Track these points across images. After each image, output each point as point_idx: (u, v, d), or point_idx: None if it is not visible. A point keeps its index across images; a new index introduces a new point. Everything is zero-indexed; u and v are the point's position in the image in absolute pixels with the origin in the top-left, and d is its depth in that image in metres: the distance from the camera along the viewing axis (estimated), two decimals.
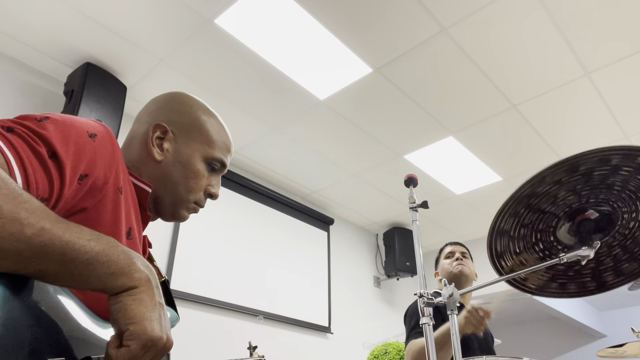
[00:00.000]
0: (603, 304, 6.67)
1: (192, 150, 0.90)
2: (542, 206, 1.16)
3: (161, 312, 0.62)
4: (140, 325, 0.58)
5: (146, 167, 0.88)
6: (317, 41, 2.69)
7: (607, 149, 1.01)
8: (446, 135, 3.54)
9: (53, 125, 0.65)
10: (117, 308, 0.59)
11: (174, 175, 0.88)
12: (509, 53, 2.79)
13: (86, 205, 0.68)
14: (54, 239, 0.54)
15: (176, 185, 0.89)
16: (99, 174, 0.69)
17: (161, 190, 0.88)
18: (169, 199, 0.89)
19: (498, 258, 1.26)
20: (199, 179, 0.91)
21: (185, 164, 0.89)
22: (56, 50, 2.75)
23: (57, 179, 0.62)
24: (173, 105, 0.92)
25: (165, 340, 0.61)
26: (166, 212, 0.91)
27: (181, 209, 0.91)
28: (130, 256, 0.61)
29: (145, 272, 0.62)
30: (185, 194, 0.90)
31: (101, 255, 0.58)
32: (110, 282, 0.59)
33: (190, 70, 2.90)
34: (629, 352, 2.81)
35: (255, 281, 3.71)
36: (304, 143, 3.64)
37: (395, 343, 3.78)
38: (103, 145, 0.71)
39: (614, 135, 3.52)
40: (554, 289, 1.32)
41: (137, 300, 0.59)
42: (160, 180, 0.88)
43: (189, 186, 0.90)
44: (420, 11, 2.51)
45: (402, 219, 4.88)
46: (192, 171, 0.90)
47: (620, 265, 1.25)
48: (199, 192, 0.91)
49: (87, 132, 0.69)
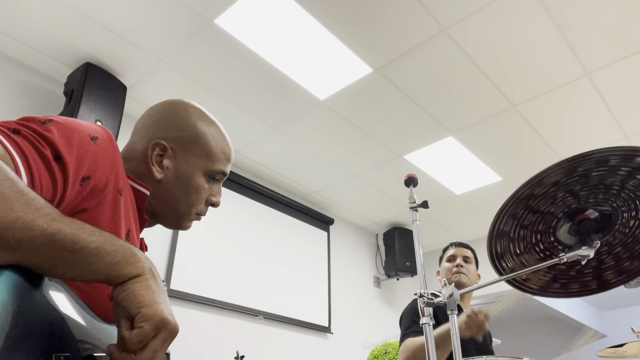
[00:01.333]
0: (603, 304, 6.67)
1: (192, 166, 0.91)
2: (541, 207, 1.16)
3: (167, 299, 0.64)
4: (152, 307, 0.60)
5: (146, 182, 0.89)
6: (317, 41, 2.69)
7: (605, 149, 1.01)
8: (446, 135, 3.54)
9: (57, 128, 0.67)
10: (126, 295, 0.60)
11: (175, 192, 0.90)
12: (509, 53, 2.79)
13: (87, 206, 0.70)
14: (64, 228, 0.56)
15: (178, 201, 0.90)
16: (100, 176, 0.71)
17: (163, 207, 0.90)
18: (172, 214, 0.92)
19: (499, 259, 1.26)
20: (199, 193, 0.92)
21: (185, 180, 0.90)
22: (56, 50, 2.75)
23: (60, 181, 0.64)
24: (171, 120, 0.92)
25: (173, 324, 0.62)
26: (169, 225, 0.94)
27: (184, 222, 0.94)
28: (132, 248, 0.64)
29: (146, 261, 0.65)
30: (187, 208, 0.92)
31: (106, 245, 0.60)
32: (117, 270, 0.61)
33: (190, 70, 2.90)
34: (628, 352, 2.81)
35: (255, 281, 3.71)
36: (304, 143, 3.64)
37: (395, 343, 3.78)
38: (104, 148, 0.73)
39: (614, 135, 3.52)
40: (556, 289, 1.32)
41: (144, 286, 0.61)
42: (162, 197, 0.90)
43: (190, 201, 0.91)
44: (420, 11, 2.51)
45: (402, 219, 4.88)
46: (192, 187, 0.91)
47: (621, 264, 1.25)
48: (200, 204, 0.93)
49: (89, 135, 0.71)
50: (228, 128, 3.42)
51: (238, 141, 3.61)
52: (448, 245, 2.30)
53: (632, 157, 1.03)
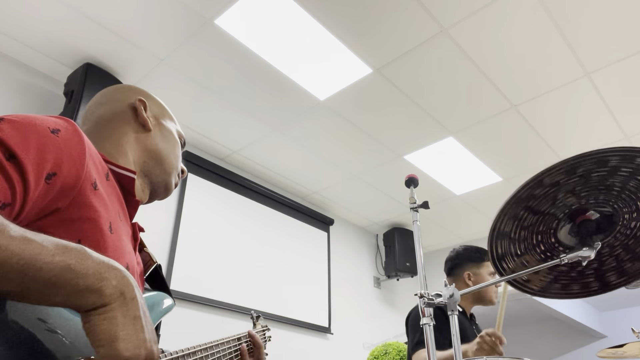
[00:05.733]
0: (603, 305, 6.66)
1: (167, 122, 0.98)
2: (541, 208, 1.16)
3: (138, 326, 0.58)
4: (110, 346, 0.54)
5: (133, 143, 0.90)
6: (317, 41, 2.69)
7: (605, 150, 1.01)
8: (446, 135, 3.53)
9: (9, 125, 0.61)
10: (86, 328, 0.55)
11: (165, 145, 0.95)
12: (509, 53, 2.78)
13: (60, 206, 0.64)
14: (12, 257, 0.48)
15: (167, 154, 0.95)
16: (69, 171, 0.65)
17: (154, 161, 0.92)
18: (164, 168, 0.94)
19: (499, 260, 1.25)
20: (178, 149, 0.99)
21: (167, 133, 0.96)
22: (56, 50, 2.75)
23: (18, 182, 0.58)
24: (130, 89, 0.97)
25: (143, 357, 0.57)
26: (160, 186, 0.94)
27: (173, 177, 0.96)
28: (100, 270, 0.56)
29: (118, 285, 0.57)
30: (175, 162, 0.96)
31: (67, 272, 0.52)
32: (78, 300, 0.54)
33: (190, 71, 2.90)
34: (629, 353, 2.81)
35: (255, 281, 3.71)
36: (304, 143, 3.64)
37: (395, 343, 3.77)
38: (68, 140, 0.67)
39: (613, 136, 3.52)
40: (557, 290, 1.32)
41: (107, 319, 0.55)
42: (154, 150, 0.93)
43: (176, 154, 0.97)
44: (420, 11, 2.50)
45: (402, 219, 4.88)
46: (174, 140, 0.98)
47: (623, 265, 1.24)
48: (180, 162, 0.99)
49: (49, 128, 0.65)
50: (228, 128, 3.42)
51: (238, 141, 3.60)
52: (486, 256, 2.18)
53: (633, 158, 1.03)
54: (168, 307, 0.89)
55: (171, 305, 0.90)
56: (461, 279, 2.16)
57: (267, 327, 1.31)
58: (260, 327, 1.30)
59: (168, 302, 0.90)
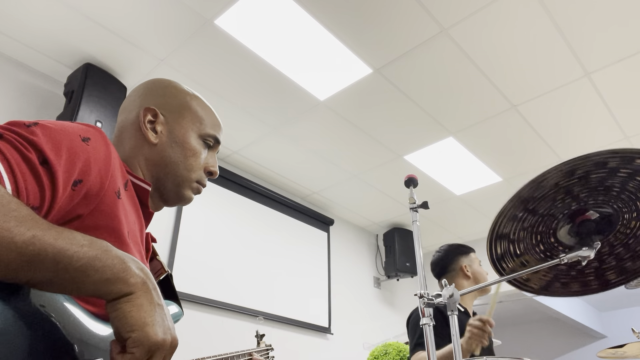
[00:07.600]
0: (603, 305, 6.67)
1: (185, 129, 0.91)
2: (541, 209, 1.16)
3: (162, 313, 0.61)
4: (142, 331, 0.57)
5: (142, 154, 0.88)
6: (317, 42, 2.69)
7: (603, 152, 1.01)
8: (446, 135, 3.53)
9: (43, 131, 0.63)
10: (116, 316, 0.58)
11: (173, 156, 0.89)
12: (509, 53, 2.79)
13: (81, 212, 0.66)
14: (46, 246, 0.52)
15: (176, 165, 0.89)
16: (94, 180, 0.67)
17: (162, 174, 0.89)
18: (172, 180, 0.90)
19: (498, 260, 1.26)
20: (197, 157, 0.91)
21: (181, 143, 0.90)
22: (56, 51, 2.75)
23: (48, 187, 0.60)
24: (158, 90, 0.93)
25: (169, 342, 0.60)
26: (171, 196, 0.91)
27: (185, 189, 0.92)
28: (125, 260, 0.60)
29: (140, 275, 0.61)
30: (186, 173, 0.90)
31: (95, 261, 0.56)
32: (107, 288, 0.57)
33: (190, 71, 2.90)
34: (629, 353, 2.81)
35: (255, 281, 3.71)
36: (304, 144, 3.64)
37: (395, 344, 3.77)
38: (97, 149, 0.69)
39: (613, 136, 3.52)
40: (557, 288, 1.32)
41: (135, 306, 0.58)
42: (160, 164, 0.89)
43: (189, 165, 0.90)
44: (420, 12, 2.51)
45: (402, 219, 4.88)
46: (189, 149, 0.90)
47: (623, 264, 1.25)
48: (199, 170, 0.92)
49: (80, 137, 0.67)
50: (228, 128, 3.42)
51: (238, 141, 3.61)
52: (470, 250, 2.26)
53: (632, 159, 1.03)
54: (176, 315, 0.89)
55: (179, 314, 0.90)
56: (459, 273, 2.18)
57: (270, 346, 1.31)
58: (264, 345, 1.29)
59: (176, 311, 0.90)
